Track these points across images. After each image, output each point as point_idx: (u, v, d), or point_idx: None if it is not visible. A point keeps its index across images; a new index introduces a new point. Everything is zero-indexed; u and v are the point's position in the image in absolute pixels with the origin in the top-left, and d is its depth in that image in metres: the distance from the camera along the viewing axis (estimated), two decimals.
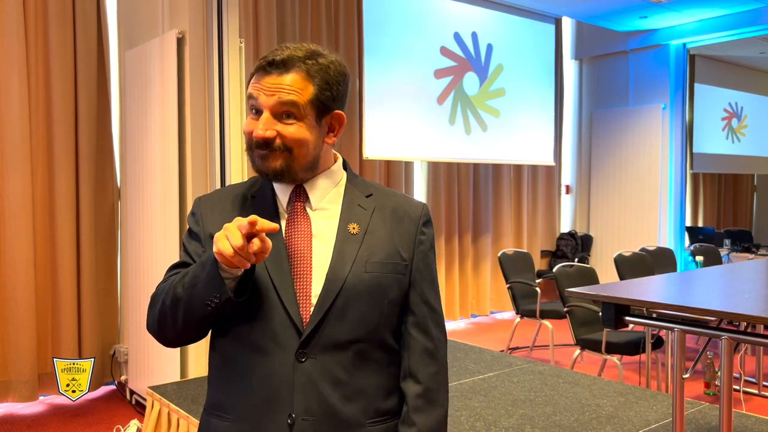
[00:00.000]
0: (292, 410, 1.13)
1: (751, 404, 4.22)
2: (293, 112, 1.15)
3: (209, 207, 1.25)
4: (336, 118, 1.21)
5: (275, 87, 1.14)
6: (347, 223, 1.20)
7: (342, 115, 1.22)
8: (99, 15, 4.43)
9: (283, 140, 1.15)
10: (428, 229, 1.26)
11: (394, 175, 6.32)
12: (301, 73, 1.15)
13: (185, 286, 1.12)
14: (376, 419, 1.19)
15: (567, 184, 8.18)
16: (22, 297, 4.08)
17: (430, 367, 1.22)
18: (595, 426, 2.45)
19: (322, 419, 1.14)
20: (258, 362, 1.15)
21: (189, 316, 1.13)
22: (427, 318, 1.23)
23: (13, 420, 3.92)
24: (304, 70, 1.15)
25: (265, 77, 1.15)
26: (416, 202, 1.29)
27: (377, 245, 1.20)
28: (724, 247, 7.36)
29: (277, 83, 1.14)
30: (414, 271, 1.22)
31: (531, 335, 5.54)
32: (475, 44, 6.70)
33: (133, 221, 4.18)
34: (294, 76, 1.15)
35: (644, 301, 2.68)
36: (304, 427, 1.13)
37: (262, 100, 1.15)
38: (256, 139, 1.15)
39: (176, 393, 2.85)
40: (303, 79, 1.15)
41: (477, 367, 3.25)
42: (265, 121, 1.14)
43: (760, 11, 6.49)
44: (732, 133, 8.62)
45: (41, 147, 4.22)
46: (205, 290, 1.09)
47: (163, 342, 1.22)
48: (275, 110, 1.14)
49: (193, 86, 3.69)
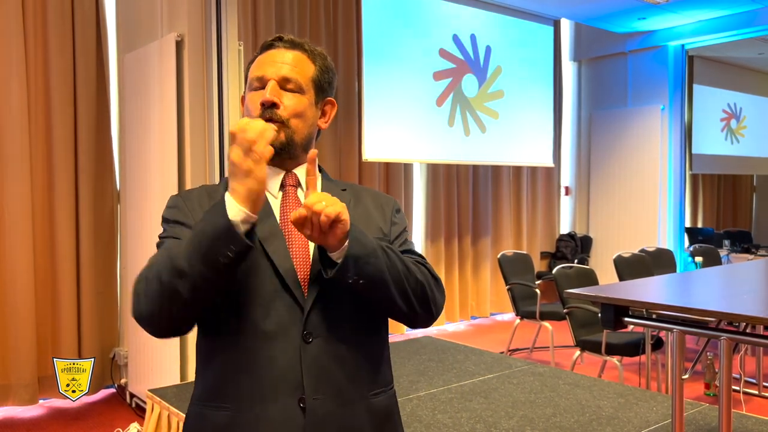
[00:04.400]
0: (303, 392, 1.13)
1: (751, 405, 4.22)
2: (298, 84, 1.21)
3: (191, 200, 1.24)
4: (329, 103, 1.29)
5: (283, 59, 1.22)
6: None
7: (335, 102, 1.30)
8: (98, 18, 4.43)
9: (285, 110, 1.19)
10: (400, 215, 1.33)
11: (394, 176, 6.32)
12: (305, 53, 1.25)
13: (187, 252, 1.05)
14: (376, 391, 1.22)
15: (566, 186, 8.18)
16: (21, 301, 4.07)
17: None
18: (595, 427, 2.45)
19: (330, 397, 1.15)
20: (262, 346, 1.14)
21: (194, 287, 1.04)
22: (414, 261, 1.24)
23: (13, 423, 3.92)
24: (308, 51, 1.25)
25: (271, 50, 1.23)
26: (387, 195, 1.37)
27: (362, 224, 1.22)
28: (723, 247, 7.37)
29: (284, 56, 1.22)
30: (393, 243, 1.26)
31: (531, 337, 5.54)
32: (473, 46, 6.71)
33: (133, 225, 4.18)
34: (299, 53, 1.24)
35: (644, 302, 2.68)
36: (315, 406, 1.14)
37: (269, 70, 1.21)
38: (265, 102, 1.18)
39: (176, 396, 2.84)
40: (307, 59, 1.25)
41: (477, 368, 3.25)
42: (272, 88, 1.19)
43: (759, 12, 6.50)
44: (731, 134, 8.63)
45: (41, 151, 4.22)
46: (216, 245, 1.03)
47: (157, 329, 1.12)
48: (282, 81, 1.21)
49: (192, 89, 3.69)
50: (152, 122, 3.92)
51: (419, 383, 3.00)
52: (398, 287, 1.15)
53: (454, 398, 2.78)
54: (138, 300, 1.10)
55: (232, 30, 3.69)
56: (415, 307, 1.18)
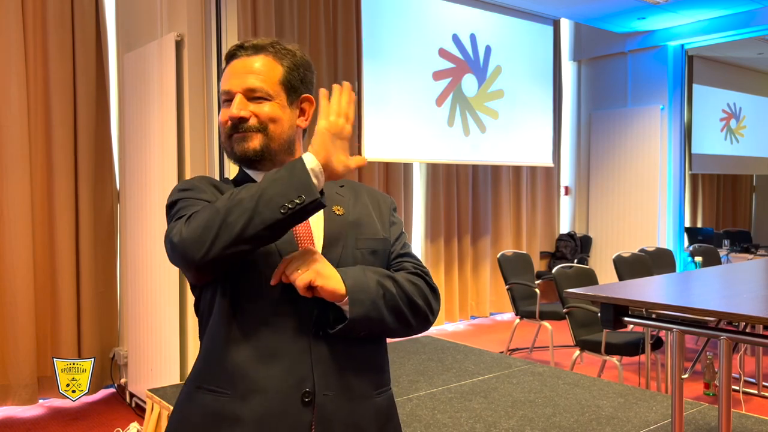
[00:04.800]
0: (310, 386, 1.14)
1: (751, 404, 4.22)
2: (265, 91, 1.19)
3: (202, 183, 1.25)
4: (307, 101, 1.26)
5: (245, 70, 1.20)
6: (331, 206, 1.24)
7: (312, 98, 1.27)
8: (98, 18, 4.43)
9: (258, 118, 1.19)
10: (397, 215, 1.34)
11: (393, 176, 6.32)
12: (269, 55, 1.21)
13: (253, 191, 1.05)
14: (379, 390, 1.23)
15: (566, 185, 8.19)
16: (21, 301, 4.07)
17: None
18: (594, 427, 2.45)
19: (338, 394, 1.16)
20: (272, 340, 1.14)
21: (249, 225, 1.03)
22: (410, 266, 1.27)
23: (13, 423, 3.92)
24: (271, 53, 1.22)
25: (234, 62, 1.21)
26: (384, 193, 1.38)
27: (362, 224, 1.25)
28: (723, 247, 7.36)
29: (248, 66, 1.20)
30: (393, 245, 1.29)
31: (530, 336, 5.54)
32: (473, 46, 6.71)
33: (133, 224, 4.18)
34: (263, 58, 1.21)
35: (643, 301, 2.68)
36: (323, 402, 1.14)
37: (233, 83, 1.19)
38: (231, 119, 1.18)
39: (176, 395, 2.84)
40: (272, 61, 1.21)
41: (477, 368, 3.25)
42: (239, 102, 1.18)
43: (758, 12, 6.50)
44: (730, 134, 8.63)
45: (40, 150, 4.22)
46: (285, 190, 1.04)
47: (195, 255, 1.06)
48: (247, 92, 1.19)
49: (191, 89, 3.69)
50: (152, 122, 3.92)
51: (419, 383, 3.00)
52: (398, 319, 1.18)
53: (454, 398, 2.78)
54: (178, 228, 1.09)
55: (232, 30, 3.69)
56: (412, 326, 1.21)
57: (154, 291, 3.88)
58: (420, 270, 1.25)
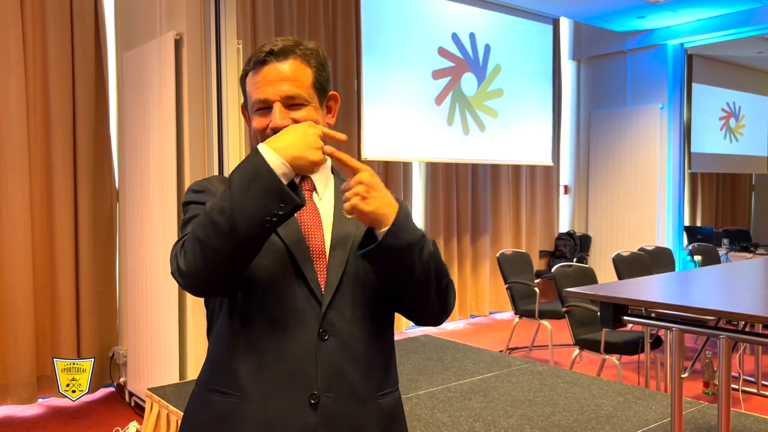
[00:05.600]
0: (316, 388, 1.13)
1: (750, 403, 4.23)
2: (302, 97, 1.19)
3: (215, 184, 1.24)
4: (332, 98, 1.27)
5: (278, 76, 1.18)
6: (342, 211, 1.22)
7: (336, 95, 1.28)
8: (97, 17, 4.42)
9: None
10: None
11: (393, 175, 6.32)
12: (297, 59, 1.20)
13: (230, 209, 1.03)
14: (384, 392, 1.22)
15: (565, 184, 8.19)
16: (20, 300, 4.07)
17: None
18: (594, 426, 2.45)
19: (342, 396, 1.15)
20: (278, 340, 1.14)
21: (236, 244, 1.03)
22: None
23: (12, 423, 3.91)
24: (299, 56, 1.21)
25: (264, 68, 1.19)
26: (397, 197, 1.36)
27: None
28: (722, 246, 7.37)
29: (280, 72, 1.18)
30: None
31: (530, 335, 5.54)
32: (473, 45, 6.71)
33: (132, 223, 4.18)
34: (293, 62, 1.20)
35: (643, 300, 2.68)
36: (327, 404, 1.14)
37: (269, 92, 1.18)
38: (274, 129, 1.16)
39: (175, 395, 2.84)
40: (301, 64, 1.21)
41: (476, 367, 3.25)
42: (280, 112, 1.17)
43: (758, 11, 6.50)
44: (730, 133, 8.64)
45: (39, 149, 4.22)
46: (262, 204, 1.02)
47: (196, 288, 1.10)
48: (285, 100, 1.18)
49: (191, 88, 3.69)
50: (151, 120, 3.92)
51: (418, 382, 3.00)
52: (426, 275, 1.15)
53: (453, 397, 2.78)
54: (177, 261, 1.09)
55: (231, 28, 3.68)
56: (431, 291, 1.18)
57: (154, 290, 3.87)
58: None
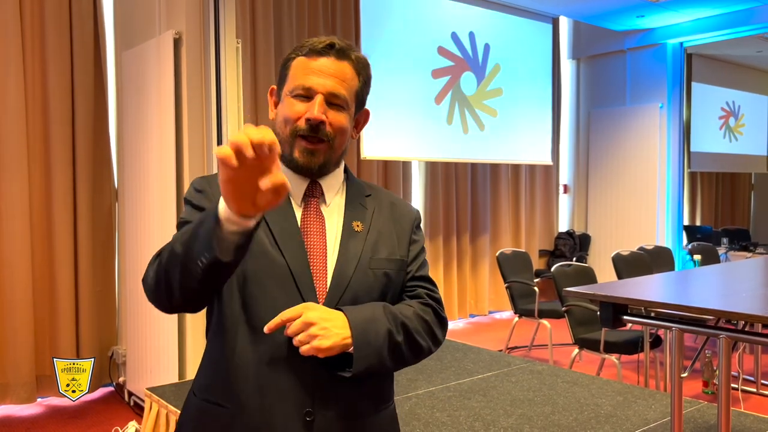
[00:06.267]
0: (311, 406, 1.12)
1: (750, 403, 4.23)
2: (345, 101, 1.15)
3: (215, 187, 1.15)
4: (364, 114, 1.24)
5: (332, 72, 1.14)
6: (351, 221, 1.21)
7: (369, 112, 1.25)
8: (96, 16, 4.42)
9: (332, 127, 1.14)
10: (420, 233, 1.31)
11: (392, 175, 6.31)
12: (352, 64, 1.17)
13: (183, 241, 1.01)
14: (381, 407, 1.22)
15: (565, 184, 8.19)
16: (19, 299, 4.07)
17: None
18: (593, 425, 2.45)
19: (337, 414, 1.14)
20: (275, 357, 1.12)
21: (184, 276, 1.00)
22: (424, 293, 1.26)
23: (11, 422, 3.91)
24: (354, 61, 1.17)
25: (320, 59, 1.15)
26: (411, 206, 1.33)
27: (379, 243, 1.22)
28: (721, 245, 7.37)
29: (335, 69, 1.14)
30: (410, 265, 1.26)
31: (529, 335, 5.54)
32: (472, 44, 6.71)
33: (131, 223, 4.17)
34: (348, 65, 1.17)
35: (642, 300, 2.68)
36: (323, 423, 1.13)
37: (317, 82, 1.13)
38: (312, 120, 1.12)
39: (174, 394, 2.84)
40: (354, 71, 1.17)
41: (475, 366, 3.25)
42: (320, 105, 1.13)
43: (757, 10, 6.50)
44: (729, 132, 8.64)
45: (38, 148, 4.21)
46: (199, 247, 0.97)
47: (159, 304, 1.10)
48: (330, 97, 1.14)
49: (190, 87, 3.68)
50: (150, 120, 3.92)
51: (417, 381, 3.00)
52: (399, 364, 1.18)
53: (453, 396, 2.78)
54: (148, 270, 1.10)
55: (230, 27, 3.68)
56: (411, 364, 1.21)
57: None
58: (432, 300, 1.24)
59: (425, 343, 1.20)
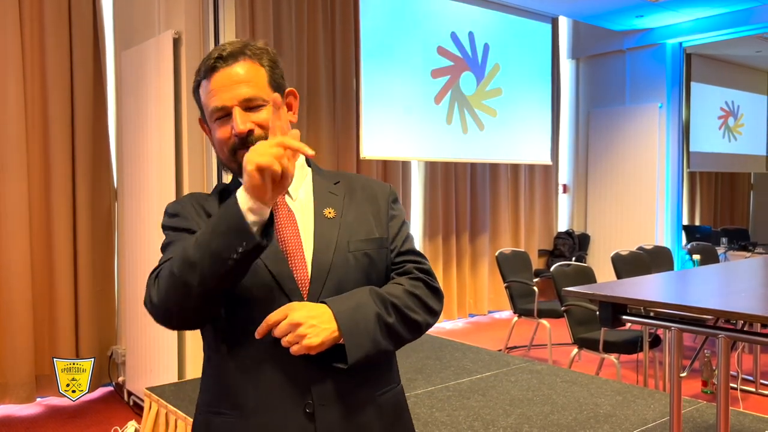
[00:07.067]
0: (310, 398, 1.13)
1: (748, 402, 4.23)
2: (260, 97, 1.16)
3: (188, 208, 1.22)
4: (291, 94, 1.25)
5: (232, 80, 1.15)
6: (322, 209, 1.22)
7: (295, 91, 1.25)
8: (95, 15, 4.42)
9: (261, 127, 1.15)
10: (397, 206, 1.31)
11: (392, 174, 6.32)
12: (248, 59, 1.17)
13: (199, 245, 1.02)
14: (383, 389, 1.21)
15: (564, 184, 8.19)
16: (19, 299, 4.07)
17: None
18: (592, 425, 2.45)
19: (337, 403, 1.14)
20: (267, 355, 1.13)
21: (205, 281, 1.02)
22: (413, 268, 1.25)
23: (10, 422, 3.91)
24: (249, 56, 1.17)
25: (216, 75, 1.16)
26: (383, 183, 1.34)
27: (355, 225, 1.22)
28: (721, 245, 7.38)
29: (233, 76, 1.15)
30: (393, 241, 1.26)
31: (529, 334, 5.54)
32: (471, 44, 6.71)
33: (130, 222, 4.17)
34: (244, 63, 1.17)
35: (641, 300, 2.68)
36: (323, 412, 1.13)
37: (225, 98, 1.15)
38: (239, 135, 1.13)
39: (174, 394, 2.84)
40: (253, 64, 1.17)
41: (475, 366, 3.25)
42: (241, 116, 1.14)
43: (756, 10, 6.51)
44: (728, 132, 8.64)
45: (37, 148, 4.21)
46: (227, 241, 1.00)
47: (168, 322, 1.11)
48: (243, 104, 1.15)
49: (189, 86, 3.67)
50: (149, 119, 3.92)
51: (417, 381, 3.00)
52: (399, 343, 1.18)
53: (452, 396, 2.78)
54: (150, 291, 1.09)
55: (230, 27, 3.68)
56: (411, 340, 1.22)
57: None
58: (422, 272, 1.24)
59: (420, 317, 1.19)
